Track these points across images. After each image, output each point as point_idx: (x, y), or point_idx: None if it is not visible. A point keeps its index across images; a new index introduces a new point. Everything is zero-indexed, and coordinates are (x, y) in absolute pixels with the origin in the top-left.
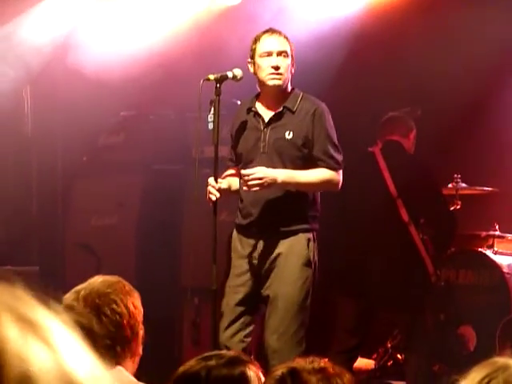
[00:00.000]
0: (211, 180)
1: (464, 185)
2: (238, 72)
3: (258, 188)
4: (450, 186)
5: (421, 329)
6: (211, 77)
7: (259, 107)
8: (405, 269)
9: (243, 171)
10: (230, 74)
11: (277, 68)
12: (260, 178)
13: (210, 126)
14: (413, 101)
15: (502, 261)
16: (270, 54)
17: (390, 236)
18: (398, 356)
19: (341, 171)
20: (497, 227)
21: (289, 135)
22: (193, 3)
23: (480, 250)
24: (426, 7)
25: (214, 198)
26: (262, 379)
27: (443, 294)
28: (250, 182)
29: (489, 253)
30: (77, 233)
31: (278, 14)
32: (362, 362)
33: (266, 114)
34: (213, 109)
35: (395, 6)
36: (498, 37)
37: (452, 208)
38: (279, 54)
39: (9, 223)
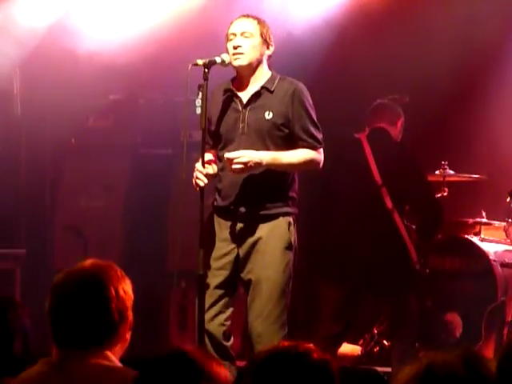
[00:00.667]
0: (199, 165)
1: (451, 172)
2: (227, 57)
3: (242, 171)
4: (437, 172)
5: (406, 315)
6: (199, 62)
7: (237, 89)
8: (389, 255)
9: (227, 154)
10: (218, 59)
11: (236, 47)
12: (245, 162)
13: (198, 110)
14: (401, 88)
15: (489, 248)
16: (233, 35)
17: (374, 222)
18: (385, 342)
19: (322, 149)
20: (484, 214)
21: (268, 115)
22: None
23: (467, 236)
24: None
25: (201, 184)
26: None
27: (429, 280)
28: (234, 166)
29: (475, 240)
30: (64, 214)
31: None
32: (348, 348)
33: (244, 95)
34: (201, 93)
35: None
36: (484, 22)
37: (439, 195)
38: (241, 34)
39: None
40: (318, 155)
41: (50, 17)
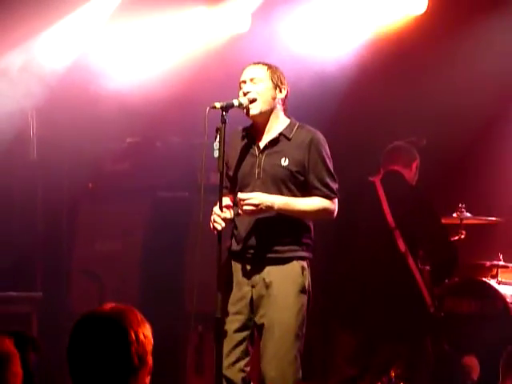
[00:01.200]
0: (216, 209)
1: (468, 214)
2: (244, 100)
3: (253, 213)
4: (454, 215)
5: (423, 358)
6: (217, 105)
7: (253, 134)
8: (403, 299)
9: (239, 195)
10: (235, 102)
11: (245, 94)
12: (256, 204)
13: (216, 153)
14: (418, 131)
15: (506, 291)
16: (244, 82)
17: (387, 266)
18: None
19: (336, 200)
20: (501, 257)
21: (284, 162)
22: (200, 31)
23: (484, 279)
24: (427, 39)
25: (219, 228)
26: None
27: (446, 323)
28: (245, 207)
29: (493, 283)
30: (81, 258)
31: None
32: None
33: (261, 141)
34: (218, 136)
35: (396, 39)
36: (502, 67)
37: (456, 238)
38: (251, 80)
39: (13, 248)
40: (332, 205)
41: (66, 60)
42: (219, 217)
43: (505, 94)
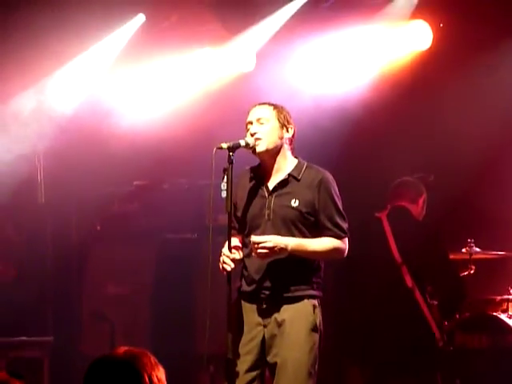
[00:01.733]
0: (225, 250)
1: (477, 249)
2: (251, 140)
3: (267, 256)
4: (463, 250)
5: None
6: (224, 145)
7: (262, 174)
8: (411, 335)
9: (254, 238)
10: (242, 142)
11: (253, 134)
12: (271, 248)
13: (224, 194)
14: (426, 166)
15: None
16: (250, 124)
17: (395, 302)
18: None
19: (346, 239)
20: (511, 291)
21: (295, 203)
22: (206, 72)
23: (495, 314)
24: (433, 74)
25: (228, 269)
26: None
27: (457, 358)
28: (260, 250)
29: (503, 317)
30: (92, 301)
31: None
32: None
33: (270, 182)
34: (226, 177)
35: (402, 74)
36: (508, 101)
37: (466, 273)
38: (257, 121)
39: (24, 292)
40: (343, 245)
41: (75, 100)
42: (228, 258)
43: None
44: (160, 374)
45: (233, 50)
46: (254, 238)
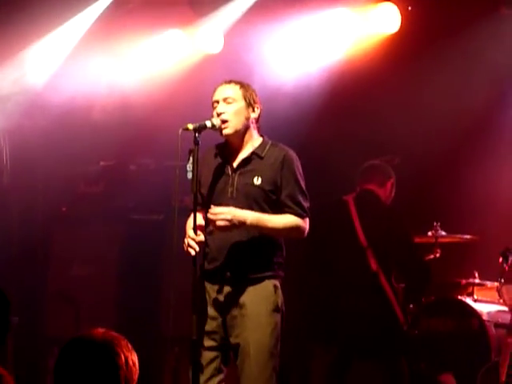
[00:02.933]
0: (191, 232)
1: (443, 233)
2: (217, 121)
3: (225, 228)
4: (429, 234)
5: (399, 377)
6: (190, 126)
7: (226, 153)
8: (375, 317)
9: (212, 210)
10: (208, 124)
11: (219, 114)
12: (229, 219)
13: (189, 175)
14: (391, 149)
15: (482, 308)
16: (217, 102)
17: (360, 285)
18: None
19: (307, 219)
20: (476, 275)
21: (257, 181)
22: (172, 53)
23: (460, 297)
24: (399, 58)
25: (193, 253)
26: None
27: (422, 342)
28: (218, 222)
29: (469, 301)
30: (57, 282)
31: (255, 65)
32: None
33: (235, 160)
34: (192, 158)
35: (369, 57)
36: (475, 83)
37: (431, 256)
38: (224, 100)
39: None
40: (304, 224)
41: (40, 79)
42: (194, 240)
43: (480, 111)
44: (134, 358)
45: (200, 31)
46: (212, 210)
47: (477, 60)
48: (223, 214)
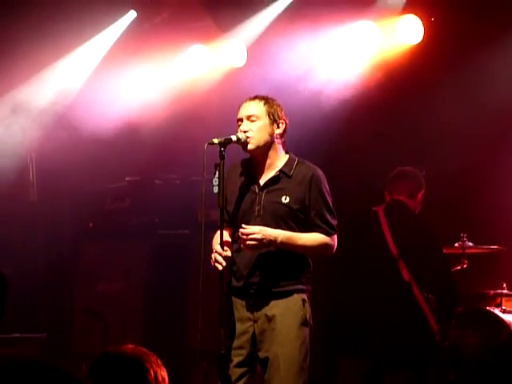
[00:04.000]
0: (218, 247)
1: (470, 244)
2: (242, 135)
3: (255, 248)
4: (456, 245)
5: None
6: (215, 140)
7: (251, 170)
8: (410, 328)
9: (242, 230)
10: (234, 138)
11: (243, 132)
12: (259, 239)
13: (216, 189)
14: (418, 161)
15: (511, 319)
16: (241, 121)
17: (393, 296)
18: None
19: (335, 236)
20: (504, 286)
21: (285, 199)
22: (197, 68)
23: (488, 308)
24: (423, 69)
25: (220, 268)
26: None
27: (451, 353)
28: (248, 242)
29: (497, 311)
30: (84, 298)
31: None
32: None
33: (261, 177)
34: (217, 172)
35: (393, 70)
36: (500, 95)
37: (459, 267)
38: (247, 118)
39: (16, 290)
40: (332, 241)
41: (65, 98)
42: (220, 255)
43: (505, 121)
44: (164, 373)
45: (224, 45)
46: (243, 230)
47: (501, 71)
48: (254, 233)
